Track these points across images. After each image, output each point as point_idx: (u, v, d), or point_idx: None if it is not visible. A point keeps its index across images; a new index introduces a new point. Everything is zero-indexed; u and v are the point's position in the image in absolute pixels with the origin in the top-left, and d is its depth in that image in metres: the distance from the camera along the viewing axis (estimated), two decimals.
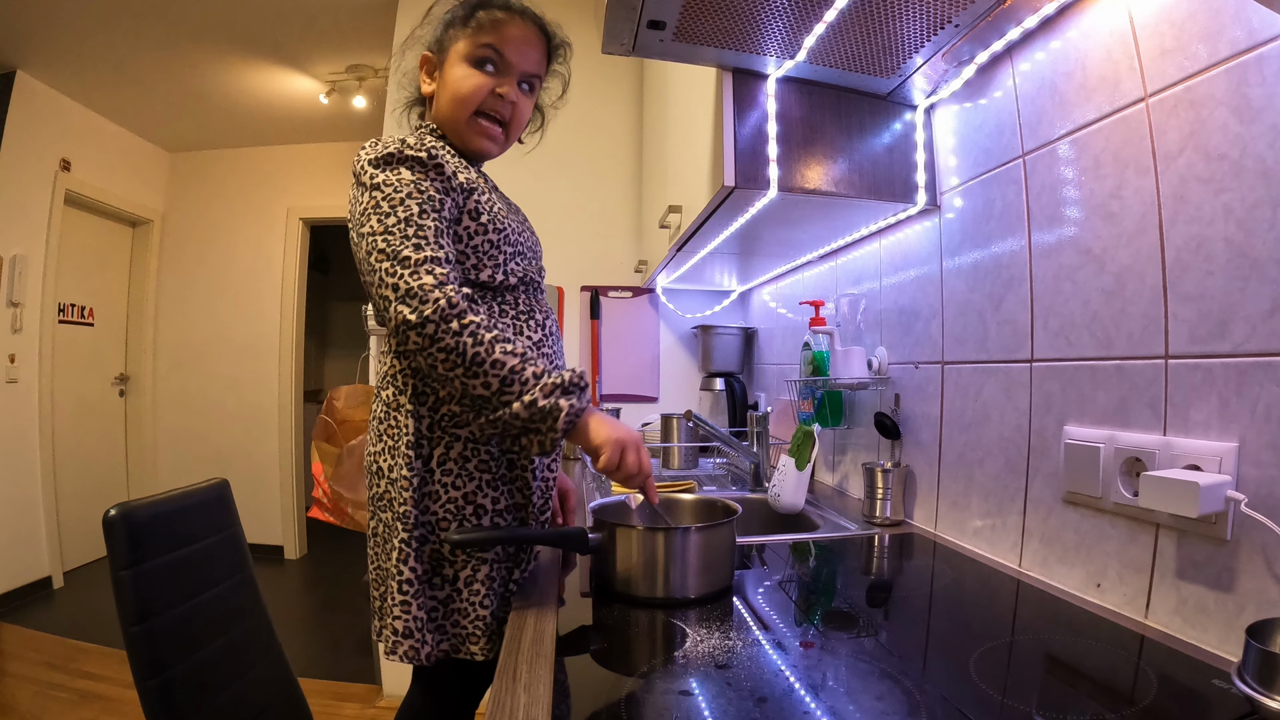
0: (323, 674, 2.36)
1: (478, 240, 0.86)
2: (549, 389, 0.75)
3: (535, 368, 0.76)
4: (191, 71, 3.12)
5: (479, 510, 0.85)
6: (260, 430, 3.94)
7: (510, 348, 0.76)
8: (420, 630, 0.83)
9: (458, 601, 0.85)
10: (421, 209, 0.79)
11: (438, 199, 0.81)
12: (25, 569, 3.10)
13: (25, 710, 2.09)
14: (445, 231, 0.81)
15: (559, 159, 2.31)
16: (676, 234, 1.47)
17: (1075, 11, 0.81)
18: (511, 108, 0.92)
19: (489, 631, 0.84)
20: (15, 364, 3.09)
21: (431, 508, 0.84)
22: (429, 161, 0.82)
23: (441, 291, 0.74)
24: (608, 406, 2.00)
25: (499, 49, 0.89)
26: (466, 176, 0.87)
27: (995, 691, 0.55)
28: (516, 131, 0.96)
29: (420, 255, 0.76)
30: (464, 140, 0.92)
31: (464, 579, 0.84)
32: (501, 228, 0.88)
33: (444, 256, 0.78)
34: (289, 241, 3.99)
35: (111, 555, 0.85)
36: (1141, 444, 0.70)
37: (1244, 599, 0.59)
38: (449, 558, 0.85)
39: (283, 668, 1.10)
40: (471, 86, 0.89)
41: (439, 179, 0.83)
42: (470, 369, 0.74)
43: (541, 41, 0.94)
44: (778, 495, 1.28)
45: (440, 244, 0.79)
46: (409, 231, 0.77)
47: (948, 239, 1.08)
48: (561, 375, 0.76)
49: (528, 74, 0.93)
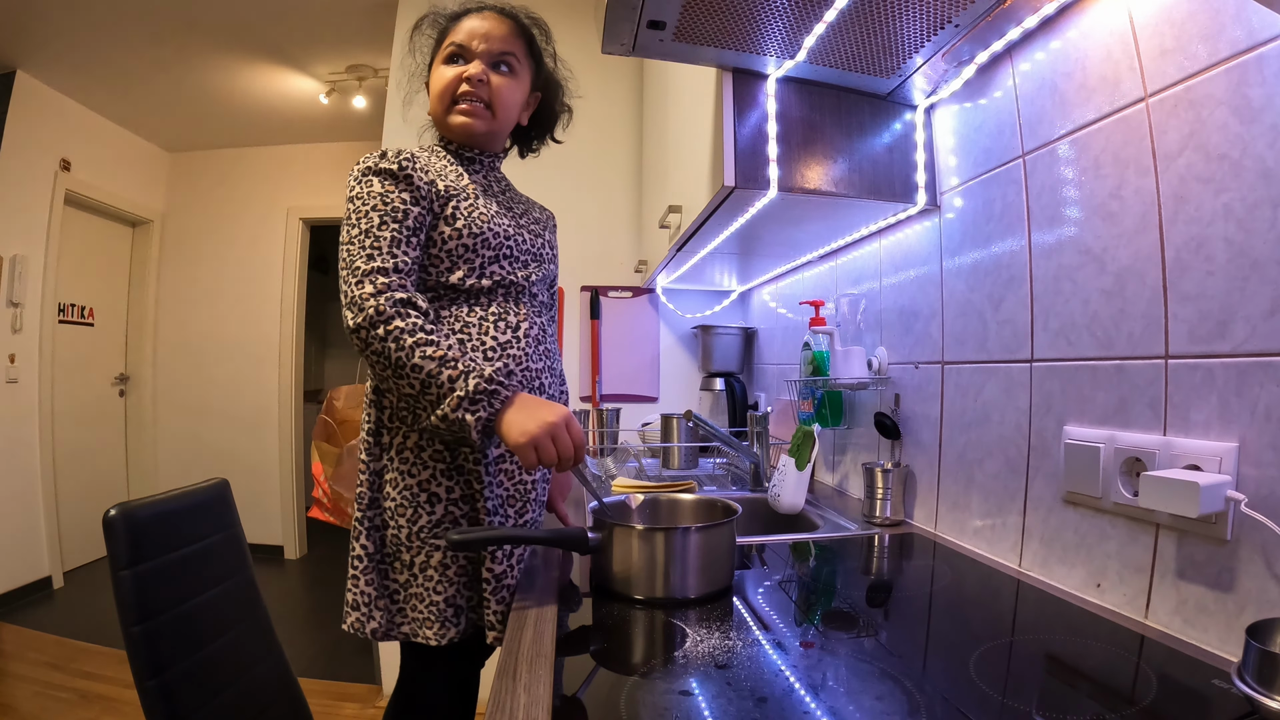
0: (323, 674, 2.36)
1: (452, 244, 0.90)
2: (455, 403, 0.78)
3: (452, 370, 0.78)
4: (192, 72, 3.12)
5: (432, 498, 0.88)
6: (260, 430, 3.94)
7: (431, 351, 0.79)
8: (368, 605, 0.89)
9: (414, 587, 0.89)
10: (382, 220, 0.85)
11: (401, 209, 0.86)
12: (25, 569, 3.10)
13: (25, 710, 2.09)
14: (406, 240, 0.86)
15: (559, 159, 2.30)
16: (676, 234, 1.47)
17: (1075, 11, 0.81)
18: (486, 87, 0.95)
19: (442, 617, 0.87)
20: (15, 364, 3.09)
21: (389, 493, 0.89)
22: (398, 173, 0.87)
23: (375, 300, 0.80)
24: (608, 407, 2.00)
25: (461, 43, 0.96)
26: (447, 184, 0.91)
27: (995, 691, 0.55)
28: (504, 109, 0.98)
29: (370, 266, 0.82)
30: (451, 130, 0.97)
31: (419, 565, 0.88)
32: (479, 232, 0.91)
33: (393, 266, 0.83)
34: (289, 241, 3.99)
35: (111, 555, 0.85)
36: (1141, 444, 0.70)
37: (1244, 599, 0.59)
38: (406, 543, 0.88)
39: (283, 668, 1.10)
40: (444, 81, 0.96)
41: (407, 189, 0.87)
42: (397, 371, 0.80)
43: (505, 23, 0.99)
44: (778, 495, 1.28)
45: (394, 253, 0.84)
46: (366, 243, 0.83)
47: (948, 239, 1.08)
48: (466, 386, 0.78)
49: (496, 53, 0.96)
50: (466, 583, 0.89)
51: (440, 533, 0.88)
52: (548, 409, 0.81)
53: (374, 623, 0.89)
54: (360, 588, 0.90)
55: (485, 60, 0.96)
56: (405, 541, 0.88)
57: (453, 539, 0.76)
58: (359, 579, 0.90)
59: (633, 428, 2.07)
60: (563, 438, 0.80)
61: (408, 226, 0.86)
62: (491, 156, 1.03)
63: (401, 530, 0.88)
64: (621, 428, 2.01)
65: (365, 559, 0.90)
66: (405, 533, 0.88)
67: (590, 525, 0.84)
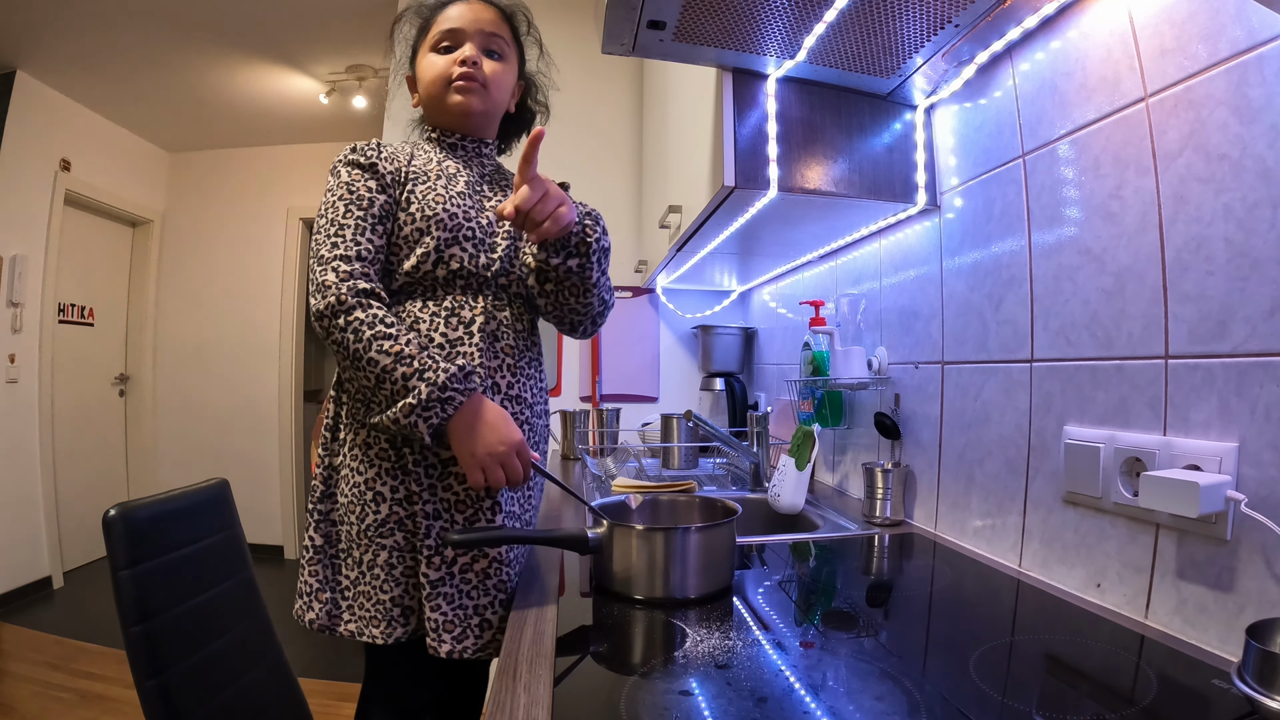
0: (323, 674, 2.36)
1: (407, 230, 0.89)
2: (407, 410, 0.78)
3: (406, 368, 0.78)
4: (192, 72, 3.13)
5: (378, 497, 0.87)
6: (260, 430, 3.94)
7: (388, 345, 0.79)
8: (309, 595, 0.90)
9: (362, 584, 0.88)
10: (347, 208, 0.86)
11: (366, 197, 0.87)
12: (25, 569, 3.10)
13: (25, 710, 2.09)
14: (371, 228, 0.86)
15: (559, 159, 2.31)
16: (676, 234, 1.47)
17: (1075, 11, 0.81)
18: (479, 68, 0.95)
19: (388, 616, 0.86)
20: (15, 364, 3.09)
21: (343, 488, 0.90)
22: (364, 162, 0.89)
23: (338, 288, 0.81)
24: (608, 407, 2.00)
25: (449, 29, 0.96)
26: (413, 168, 0.92)
27: (995, 691, 0.55)
28: (497, 89, 0.98)
29: (333, 254, 0.83)
30: (448, 113, 0.97)
31: (366, 562, 0.88)
32: (431, 213, 0.88)
33: (356, 254, 0.84)
34: (289, 241, 3.99)
35: (111, 555, 0.85)
36: (1141, 444, 0.70)
37: (1244, 599, 0.59)
38: (356, 540, 0.88)
39: (283, 668, 1.10)
40: (437, 68, 0.95)
41: (373, 177, 0.88)
42: (354, 363, 0.80)
43: (490, 9, 0.98)
44: (778, 495, 1.28)
45: (357, 241, 0.85)
46: (331, 231, 0.85)
47: (948, 239, 1.08)
48: (420, 393, 0.77)
49: (486, 36, 0.96)
50: (415, 584, 0.87)
51: (386, 532, 0.86)
52: (498, 435, 0.81)
53: (312, 613, 0.90)
54: (305, 577, 0.91)
55: (476, 44, 0.96)
56: (355, 539, 0.88)
57: (452, 539, 0.76)
58: (304, 568, 0.91)
59: (633, 428, 2.07)
60: (512, 465, 0.82)
61: (373, 215, 0.87)
62: (478, 142, 1.00)
63: (352, 528, 0.88)
64: (621, 428, 2.01)
65: (312, 550, 0.91)
66: (355, 529, 0.88)
67: (590, 525, 0.84)
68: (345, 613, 0.89)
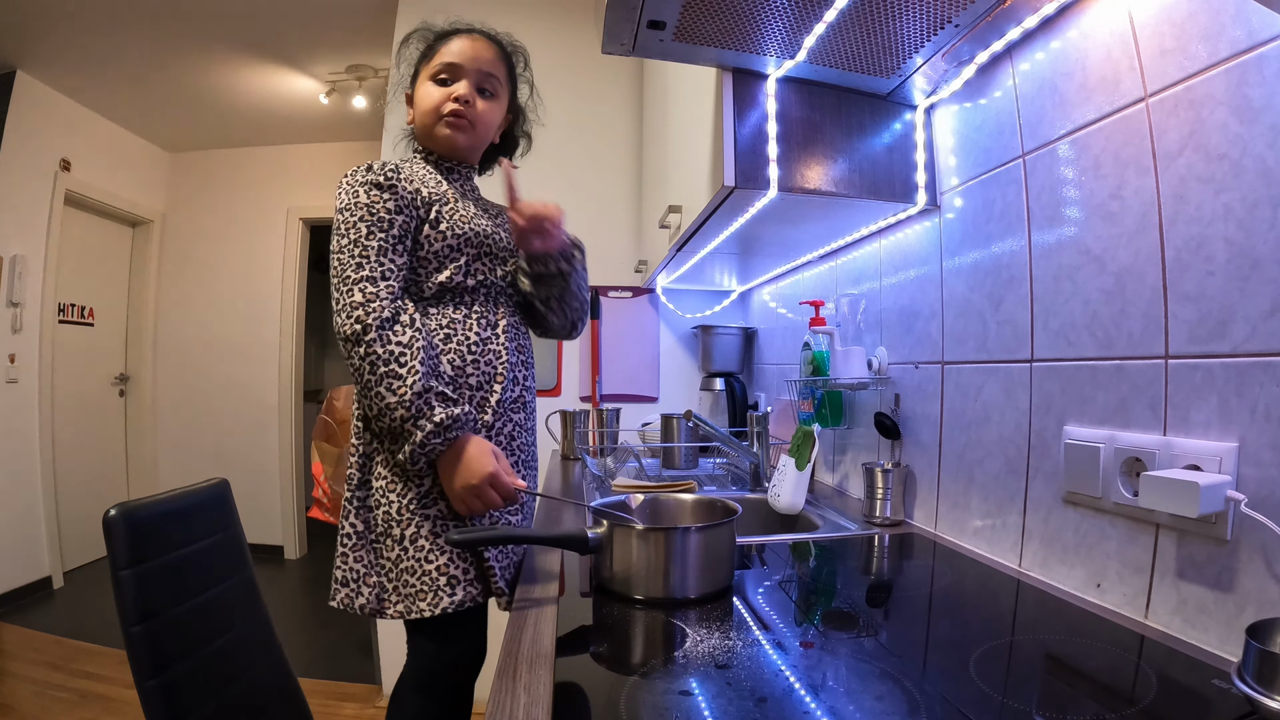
0: (323, 674, 2.36)
1: (438, 246, 0.96)
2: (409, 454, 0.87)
3: (404, 412, 0.86)
4: (192, 71, 3.13)
5: (421, 471, 0.92)
6: (260, 430, 3.94)
7: (395, 385, 0.86)
8: (356, 581, 0.93)
9: (405, 561, 0.91)
10: (369, 229, 0.91)
11: (387, 219, 0.92)
12: (25, 569, 3.10)
13: (25, 710, 2.09)
14: (393, 248, 0.92)
15: (559, 159, 2.31)
16: (676, 234, 1.47)
17: (1075, 11, 0.81)
18: (472, 107, 1.02)
19: (434, 586, 0.89)
20: (15, 364, 3.09)
21: (380, 472, 0.94)
22: (384, 184, 0.93)
23: (365, 310, 0.87)
24: (608, 407, 2.00)
25: (450, 62, 1.02)
26: (430, 191, 0.98)
27: (995, 691, 0.55)
28: (484, 127, 1.06)
29: (359, 274, 0.89)
30: (437, 143, 1.04)
31: (409, 537, 0.91)
32: (462, 232, 0.98)
33: (380, 274, 0.90)
34: (289, 241, 3.99)
35: (111, 555, 0.85)
36: (1141, 444, 0.70)
37: (1244, 599, 0.59)
38: (396, 517, 0.91)
39: (283, 668, 1.10)
40: (432, 100, 1.02)
41: (393, 198, 0.93)
42: (365, 390, 0.88)
43: (491, 47, 1.06)
44: (778, 495, 1.28)
45: (381, 261, 0.90)
46: (355, 251, 0.90)
47: (948, 239, 1.08)
48: (405, 450, 0.86)
49: (482, 75, 1.03)
50: (460, 553, 0.91)
51: (429, 502, 0.91)
52: (470, 470, 0.88)
53: (362, 598, 0.93)
54: (349, 564, 0.94)
55: (472, 81, 1.02)
56: (395, 516, 0.91)
57: (452, 539, 0.76)
58: (348, 556, 0.94)
59: (633, 428, 2.07)
60: (485, 495, 0.89)
61: (393, 235, 0.92)
62: (468, 168, 1.10)
63: (392, 506, 0.91)
64: (621, 428, 2.01)
65: (355, 536, 0.94)
66: (395, 507, 0.91)
67: (590, 525, 0.84)
68: (392, 594, 0.92)
